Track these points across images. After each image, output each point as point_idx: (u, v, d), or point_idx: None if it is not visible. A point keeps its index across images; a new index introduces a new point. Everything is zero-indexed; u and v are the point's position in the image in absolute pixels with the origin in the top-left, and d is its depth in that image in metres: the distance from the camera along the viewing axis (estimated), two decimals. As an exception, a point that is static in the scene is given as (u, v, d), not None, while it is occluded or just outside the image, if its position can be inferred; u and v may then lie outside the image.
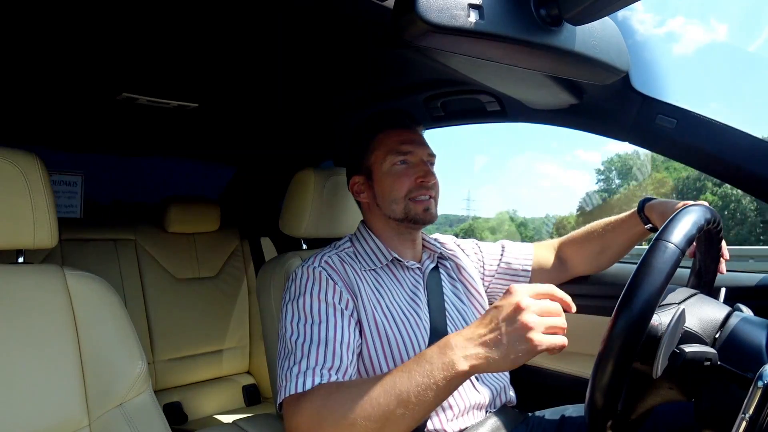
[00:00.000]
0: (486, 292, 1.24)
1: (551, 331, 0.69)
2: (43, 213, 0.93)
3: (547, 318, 0.69)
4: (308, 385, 0.84)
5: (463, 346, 0.72)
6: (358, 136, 1.17)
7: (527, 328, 0.68)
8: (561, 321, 0.70)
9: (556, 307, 0.71)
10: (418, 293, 1.09)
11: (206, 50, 1.14)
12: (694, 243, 0.92)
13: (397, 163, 1.10)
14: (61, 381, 0.91)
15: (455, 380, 0.72)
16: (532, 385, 1.37)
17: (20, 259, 0.97)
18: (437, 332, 1.04)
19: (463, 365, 0.71)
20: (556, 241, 1.31)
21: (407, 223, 1.10)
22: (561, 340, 0.69)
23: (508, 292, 0.72)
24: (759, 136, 0.98)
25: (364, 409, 0.75)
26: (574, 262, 1.27)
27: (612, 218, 1.20)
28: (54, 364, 0.91)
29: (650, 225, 1.11)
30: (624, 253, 1.22)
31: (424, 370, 0.73)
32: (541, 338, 0.67)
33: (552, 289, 0.73)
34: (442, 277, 1.16)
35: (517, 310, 0.69)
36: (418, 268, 1.13)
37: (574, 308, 0.74)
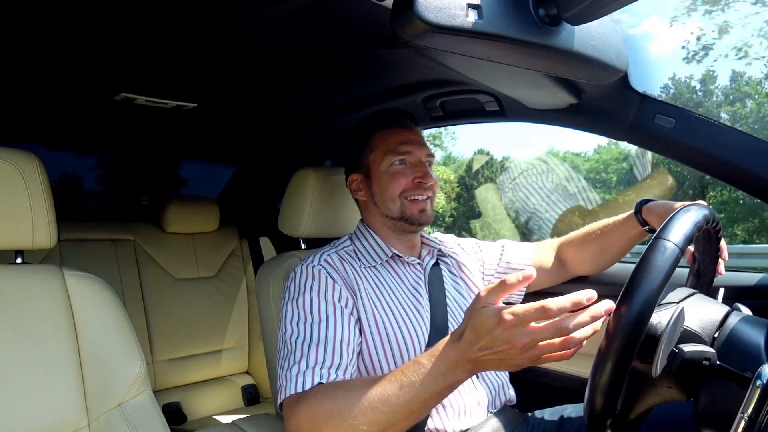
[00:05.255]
0: None
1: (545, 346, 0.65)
2: (41, 213, 0.93)
3: (539, 342, 0.65)
4: (308, 385, 0.84)
5: (467, 365, 0.71)
6: (358, 134, 1.17)
7: (526, 358, 0.66)
8: (559, 344, 0.64)
9: (550, 331, 0.64)
10: (419, 289, 1.09)
11: (205, 49, 1.14)
12: (692, 249, 0.93)
13: (395, 163, 1.10)
14: (60, 381, 0.91)
15: (456, 386, 0.74)
16: (531, 385, 1.37)
17: (18, 260, 0.97)
18: (437, 329, 1.04)
19: (465, 376, 0.72)
20: (555, 242, 1.31)
21: (403, 223, 1.11)
22: (558, 355, 0.66)
23: (502, 322, 0.65)
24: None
25: (367, 416, 0.74)
26: (574, 263, 1.27)
27: (610, 220, 1.20)
28: (53, 364, 0.91)
29: (648, 227, 1.11)
30: (623, 254, 1.22)
31: (428, 383, 0.72)
32: (540, 359, 0.66)
33: (547, 306, 0.64)
34: (443, 273, 1.16)
35: (512, 346, 0.65)
36: (418, 264, 1.13)
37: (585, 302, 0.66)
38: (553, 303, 0.63)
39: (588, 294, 0.63)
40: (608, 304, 0.63)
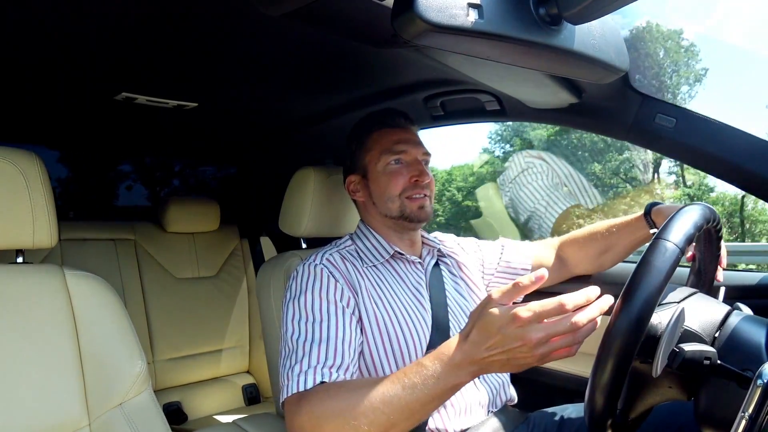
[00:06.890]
0: (486, 289, 1.24)
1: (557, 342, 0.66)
2: (42, 213, 0.93)
3: (553, 337, 0.66)
4: (309, 384, 0.84)
5: (471, 367, 0.70)
6: (353, 136, 1.18)
7: (536, 356, 0.66)
8: (570, 338, 0.65)
9: (565, 326, 0.65)
10: (420, 289, 1.09)
11: (205, 49, 1.14)
12: (693, 247, 0.93)
13: (392, 163, 1.10)
14: (61, 381, 0.91)
15: (458, 389, 0.73)
16: (532, 384, 1.37)
17: (19, 259, 0.97)
18: (439, 328, 1.04)
19: (468, 378, 0.72)
20: (556, 240, 1.31)
21: (403, 221, 1.11)
22: (566, 350, 0.66)
23: (516, 319, 0.66)
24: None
25: (368, 417, 0.74)
26: (575, 262, 1.27)
27: (617, 220, 1.20)
28: (54, 364, 0.91)
29: (656, 230, 1.10)
30: (626, 255, 1.22)
31: (429, 385, 0.72)
32: (549, 357, 0.66)
33: (563, 302, 0.65)
34: (443, 273, 1.16)
35: (525, 343, 0.65)
36: (419, 263, 1.14)
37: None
38: (568, 299, 0.65)
39: (597, 290, 0.66)
40: (611, 300, 0.65)
